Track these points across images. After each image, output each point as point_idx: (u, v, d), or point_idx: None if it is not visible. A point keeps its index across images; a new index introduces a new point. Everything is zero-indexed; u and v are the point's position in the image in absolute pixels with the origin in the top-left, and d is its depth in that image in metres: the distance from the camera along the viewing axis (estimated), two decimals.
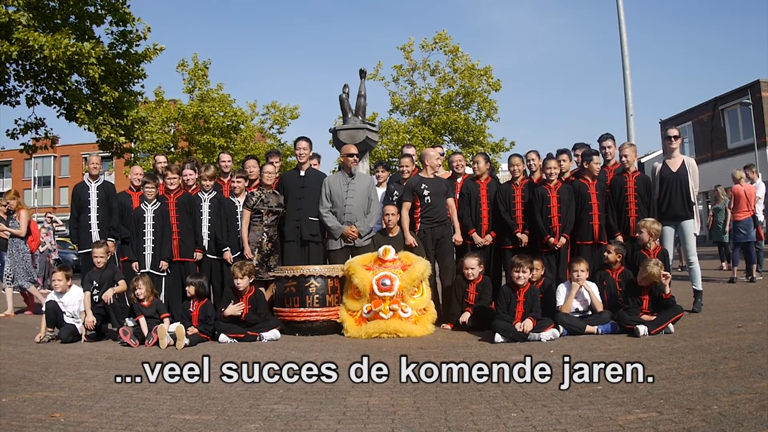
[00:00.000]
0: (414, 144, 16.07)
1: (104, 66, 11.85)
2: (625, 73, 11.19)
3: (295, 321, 5.65)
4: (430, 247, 6.13)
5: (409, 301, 5.56)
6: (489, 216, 6.37)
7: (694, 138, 27.35)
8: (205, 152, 20.23)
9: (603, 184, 6.19)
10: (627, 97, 11.19)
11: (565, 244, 6.01)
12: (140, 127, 13.87)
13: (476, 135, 20.59)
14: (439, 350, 4.66)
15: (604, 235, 6.04)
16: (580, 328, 5.13)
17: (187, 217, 6.34)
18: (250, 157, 7.10)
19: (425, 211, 6.19)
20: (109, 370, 4.15)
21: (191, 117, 20.33)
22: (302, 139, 6.64)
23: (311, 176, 6.53)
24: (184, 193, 6.51)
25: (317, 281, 5.66)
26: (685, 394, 3.07)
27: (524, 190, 6.31)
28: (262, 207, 6.20)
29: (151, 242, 6.16)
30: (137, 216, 6.24)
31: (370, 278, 5.54)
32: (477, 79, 20.57)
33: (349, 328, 5.53)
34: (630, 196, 6.11)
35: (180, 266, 6.28)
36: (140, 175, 6.93)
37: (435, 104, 20.77)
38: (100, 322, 5.61)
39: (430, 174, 6.33)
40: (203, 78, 21.27)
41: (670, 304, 5.14)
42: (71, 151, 45.64)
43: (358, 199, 6.24)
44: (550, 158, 6.27)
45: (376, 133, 8.50)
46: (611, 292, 5.50)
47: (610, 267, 5.62)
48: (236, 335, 5.34)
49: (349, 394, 3.34)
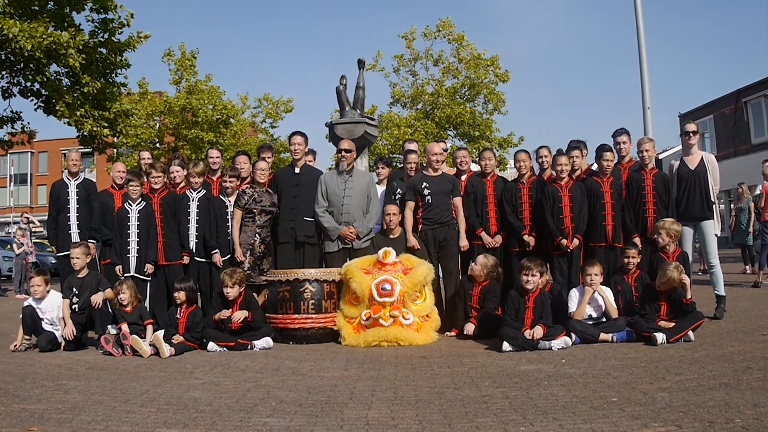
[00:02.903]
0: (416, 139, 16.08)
1: (85, 55, 11.86)
2: (642, 63, 11.18)
3: (289, 328, 5.64)
4: (432, 250, 6.13)
5: (410, 307, 5.56)
6: (497, 216, 6.37)
7: (716, 133, 27.36)
8: (192, 148, 20.24)
9: (618, 182, 6.19)
10: (644, 89, 11.18)
11: (578, 246, 6.01)
12: (123, 121, 13.88)
13: (482, 129, 20.60)
14: (443, 359, 4.66)
15: (618, 236, 6.04)
16: (594, 336, 5.12)
17: (171, 218, 6.34)
18: (241, 153, 7.08)
19: (426, 212, 6.18)
20: (90, 381, 4.15)
21: (178, 110, 20.33)
22: (297, 134, 6.63)
23: (306, 173, 6.53)
24: (169, 192, 6.51)
25: (313, 286, 5.66)
26: (706, 406, 3.07)
27: (531, 188, 6.30)
28: (254, 206, 6.19)
29: (135, 244, 6.16)
30: (121, 216, 6.24)
31: (369, 283, 5.54)
32: (483, 69, 20.57)
33: (347, 336, 5.52)
34: (648, 195, 6.10)
35: (165, 270, 6.28)
36: (123, 173, 6.92)
37: (438, 96, 20.78)
38: (80, 332, 5.61)
39: (432, 171, 6.33)
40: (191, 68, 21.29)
41: (690, 311, 5.14)
42: (50, 147, 45.62)
43: (356, 197, 6.23)
44: (560, 154, 6.27)
45: (375, 127, 8.50)
46: (627, 297, 5.49)
47: (625, 271, 5.61)
48: (226, 343, 5.34)
49: (347, 406, 3.34)
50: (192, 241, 6.35)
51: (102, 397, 3.66)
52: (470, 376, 4.03)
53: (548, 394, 3.44)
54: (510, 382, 3.81)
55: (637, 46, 11.27)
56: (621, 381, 3.70)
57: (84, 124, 12.52)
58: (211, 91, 21.17)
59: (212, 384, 3.98)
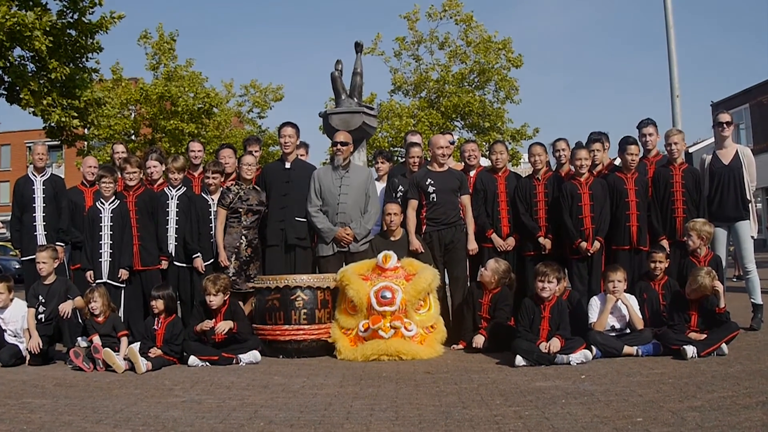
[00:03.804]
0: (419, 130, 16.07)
1: (52, 37, 11.84)
2: (670, 46, 11.18)
3: (279, 341, 5.64)
4: (437, 254, 6.13)
5: (413, 317, 5.56)
6: (509, 216, 6.37)
7: (752, 123, 27.38)
8: (172, 140, 20.24)
9: (643, 179, 6.19)
10: (672, 75, 11.17)
11: (599, 249, 6.01)
12: (95, 111, 13.86)
13: (493, 120, 20.58)
14: (449, 375, 4.66)
15: (644, 238, 6.04)
16: (617, 349, 5.12)
17: (148, 218, 6.34)
18: (226, 146, 7.08)
19: (431, 211, 6.19)
20: (58, 399, 4.15)
21: (155, 99, 20.33)
22: (287, 125, 6.64)
23: (298, 169, 6.53)
24: (146, 189, 6.51)
25: (305, 293, 5.65)
26: (741, 427, 3.07)
27: (548, 185, 6.31)
28: (240, 205, 6.20)
29: (108, 247, 6.15)
30: (92, 216, 6.24)
31: (367, 290, 5.54)
32: (494, 53, 20.56)
33: (343, 350, 5.52)
34: (677, 193, 6.11)
35: (141, 276, 6.29)
36: (95, 168, 6.91)
37: (444, 83, 20.77)
38: (47, 345, 5.61)
39: (438, 167, 6.33)
40: (170, 52, 21.28)
41: (724, 321, 5.14)
42: (13, 140, 45.60)
43: (353, 195, 6.24)
44: (579, 147, 6.27)
45: (374, 117, 8.49)
46: (654, 306, 5.49)
47: (652, 277, 5.62)
48: (209, 357, 5.34)
49: (342, 427, 3.34)
50: (171, 244, 6.35)
51: (71, 417, 3.65)
52: (479, 393, 4.03)
53: (566, 413, 3.44)
54: (524, 400, 3.81)
55: (665, 26, 11.26)
56: (647, 399, 3.70)
57: (51, 114, 12.50)
58: (192, 78, 21.16)
59: (193, 402, 3.98)
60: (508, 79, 20.79)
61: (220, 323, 5.46)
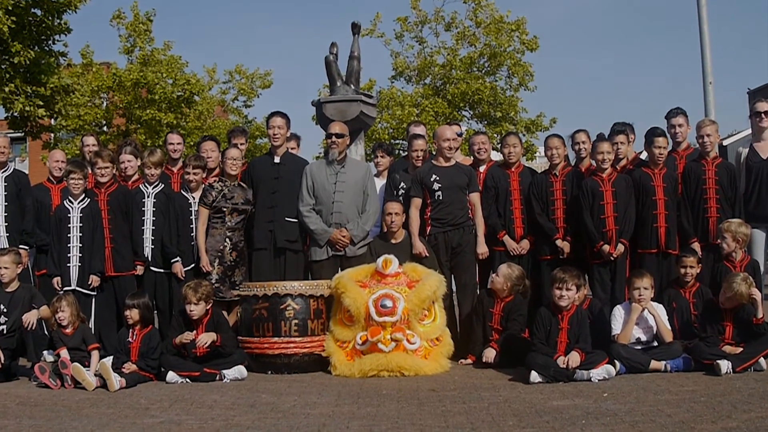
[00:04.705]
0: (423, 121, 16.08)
1: (15, 17, 11.84)
2: (702, 27, 11.16)
3: (267, 355, 5.64)
4: (443, 258, 6.13)
5: (417, 328, 5.56)
6: (523, 216, 6.37)
7: None
8: (148, 132, 20.23)
9: (672, 174, 6.20)
10: (705, 60, 11.17)
11: (623, 253, 6.01)
12: (63, 99, 13.84)
13: (506, 109, 20.58)
14: (456, 393, 4.66)
15: (673, 241, 6.05)
16: (643, 364, 5.13)
17: (121, 218, 6.34)
18: (208, 139, 7.08)
19: (436, 211, 6.19)
20: (22, 420, 4.15)
21: (130, 86, 20.31)
22: (277, 115, 6.64)
23: (288, 164, 6.53)
24: (119, 187, 6.51)
25: (296, 302, 5.66)
26: None
27: (566, 182, 6.31)
28: (224, 204, 6.20)
29: (77, 251, 6.15)
30: (59, 216, 6.24)
31: (365, 298, 5.54)
32: (506, 35, 20.56)
33: (338, 365, 5.52)
34: (709, 190, 6.10)
35: (114, 282, 6.29)
36: (63, 163, 6.91)
37: (451, 69, 20.78)
38: (9, 360, 5.60)
39: (444, 161, 6.33)
40: (145, 34, 21.26)
41: (762, 333, 5.14)
42: None
43: (349, 193, 6.24)
44: (602, 140, 6.27)
45: (373, 106, 8.50)
46: (684, 316, 5.50)
47: (682, 283, 5.61)
48: (189, 373, 5.33)
49: None
50: (147, 247, 6.35)
51: None
52: (490, 413, 4.03)
53: None
54: (540, 421, 3.81)
55: (696, 5, 11.26)
56: (676, 420, 3.70)
57: (14, 103, 12.49)
58: (170, 63, 21.13)
59: (172, 423, 3.98)
60: (522, 64, 20.78)
61: (201, 335, 5.46)
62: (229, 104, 24.92)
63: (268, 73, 24.87)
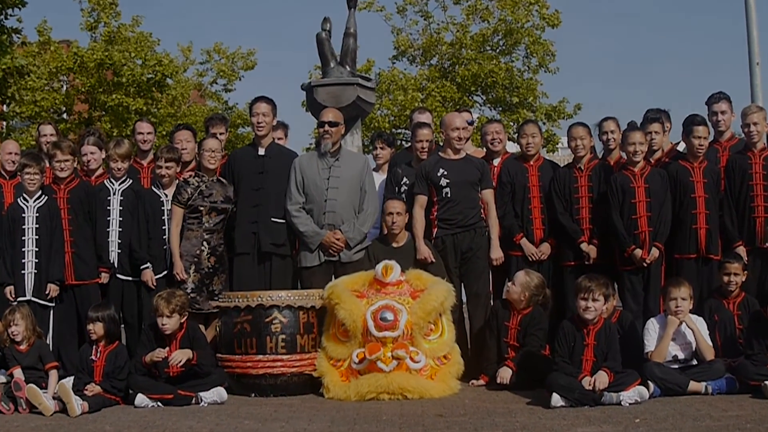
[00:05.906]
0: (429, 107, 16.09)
1: None
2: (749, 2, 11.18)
3: (251, 374, 5.65)
4: (452, 264, 6.14)
5: (421, 344, 5.57)
6: (543, 216, 6.38)
7: None
8: (114, 120, 20.23)
9: (714, 169, 6.20)
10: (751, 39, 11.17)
11: (658, 258, 6.02)
12: (16, 82, 13.86)
13: (523, 94, 20.59)
14: (467, 419, 4.66)
15: (715, 245, 6.05)
16: (681, 385, 5.13)
17: (83, 219, 6.34)
18: (183, 128, 7.10)
19: (443, 210, 6.21)
20: None
21: (93, 67, 20.30)
22: (261, 101, 6.64)
23: (275, 156, 6.54)
24: (81, 182, 6.51)
25: (283, 315, 5.66)
26: None
27: (592, 177, 6.32)
28: (201, 203, 6.20)
29: (33, 256, 6.15)
30: (12, 217, 6.23)
31: (363, 310, 5.55)
32: (524, 9, 20.58)
33: (332, 386, 5.53)
34: (756, 186, 6.10)
35: (76, 292, 6.29)
36: (16, 155, 6.92)
37: (461, 48, 20.79)
38: None
39: (453, 153, 6.33)
40: (111, 8, 21.27)
41: None
42: None
43: (345, 190, 6.25)
44: (633, 129, 6.28)
45: (372, 90, 8.49)
46: (727, 331, 5.51)
47: (725, 293, 5.61)
48: (161, 396, 5.34)
49: None
50: (113, 252, 6.35)
51: None
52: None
53: None
54: None
55: None
56: None
57: None
58: (139, 41, 21.12)
59: None
60: (542, 42, 20.77)
61: (175, 353, 5.46)
62: (206, 88, 24.91)
63: (251, 53, 24.85)
